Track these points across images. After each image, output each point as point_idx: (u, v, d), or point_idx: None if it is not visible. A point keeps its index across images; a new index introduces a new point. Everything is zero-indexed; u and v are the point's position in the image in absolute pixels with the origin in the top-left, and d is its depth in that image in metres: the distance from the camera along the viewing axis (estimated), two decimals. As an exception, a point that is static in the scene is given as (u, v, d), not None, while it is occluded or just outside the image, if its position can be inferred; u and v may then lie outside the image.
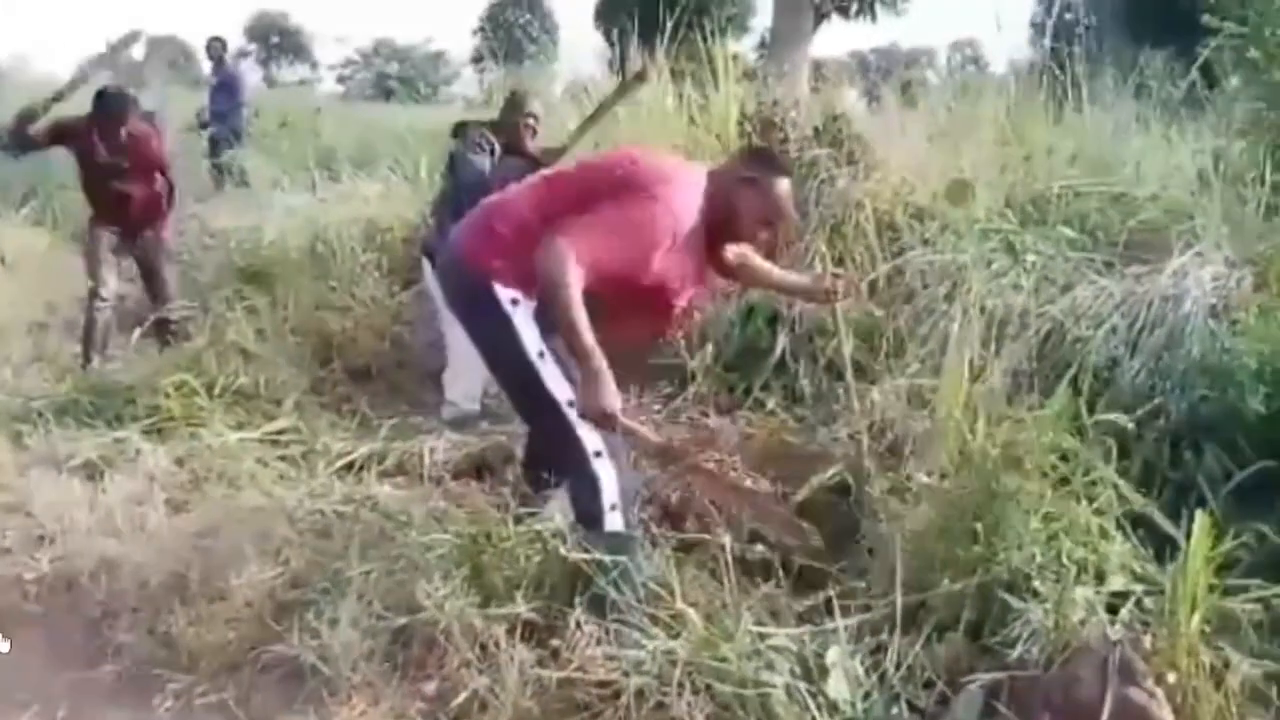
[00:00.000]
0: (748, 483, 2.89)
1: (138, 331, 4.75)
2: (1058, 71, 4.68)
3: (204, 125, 9.29)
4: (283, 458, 3.40)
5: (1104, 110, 4.70)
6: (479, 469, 3.35)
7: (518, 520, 2.47)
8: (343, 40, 28.92)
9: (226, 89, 9.28)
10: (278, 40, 29.41)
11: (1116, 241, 3.62)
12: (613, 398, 2.17)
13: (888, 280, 3.72)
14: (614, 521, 2.27)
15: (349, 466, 3.38)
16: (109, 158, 4.65)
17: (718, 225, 2.41)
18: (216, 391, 3.77)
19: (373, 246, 5.67)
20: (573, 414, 2.25)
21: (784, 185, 2.46)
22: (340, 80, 29.28)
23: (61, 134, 4.70)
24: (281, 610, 2.40)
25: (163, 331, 4.79)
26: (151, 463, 3.16)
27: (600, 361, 2.17)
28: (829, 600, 2.25)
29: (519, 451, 3.14)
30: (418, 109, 22.49)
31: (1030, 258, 3.47)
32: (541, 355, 2.28)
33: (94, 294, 4.77)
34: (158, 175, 4.89)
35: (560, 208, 2.31)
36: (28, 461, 3.34)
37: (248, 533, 2.69)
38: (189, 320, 4.91)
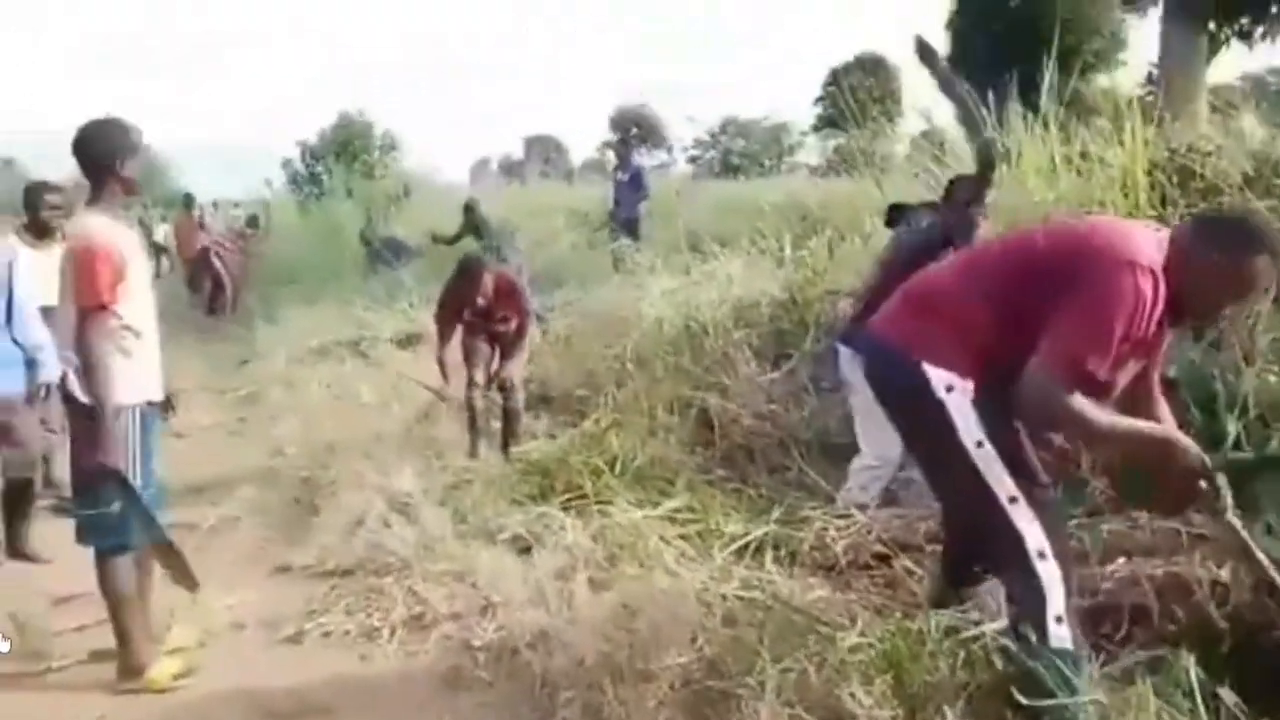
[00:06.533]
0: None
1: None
2: None
3: (611, 216, 10.63)
4: (681, 536, 3.55)
5: None
6: (880, 559, 3.26)
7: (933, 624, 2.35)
8: (693, 121, 30.63)
9: (633, 184, 10.58)
10: (637, 130, 31.97)
11: None
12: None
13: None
14: (1059, 636, 2.07)
15: (743, 549, 3.45)
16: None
17: (1177, 298, 2.11)
18: (618, 470, 4.05)
19: (741, 325, 5.85)
20: (1015, 510, 2.11)
21: (1263, 262, 2.10)
22: (691, 160, 31.11)
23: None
24: (700, 697, 2.46)
25: (511, 423, 5.01)
26: (572, 538, 3.44)
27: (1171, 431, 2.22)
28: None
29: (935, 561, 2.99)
30: (763, 181, 23.26)
31: None
32: (980, 445, 2.14)
33: (470, 383, 5.01)
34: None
35: (1000, 286, 2.19)
36: (467, 533, 3.77)
37: (663, 614, 2.82)
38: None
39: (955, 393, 2.17)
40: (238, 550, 3.99)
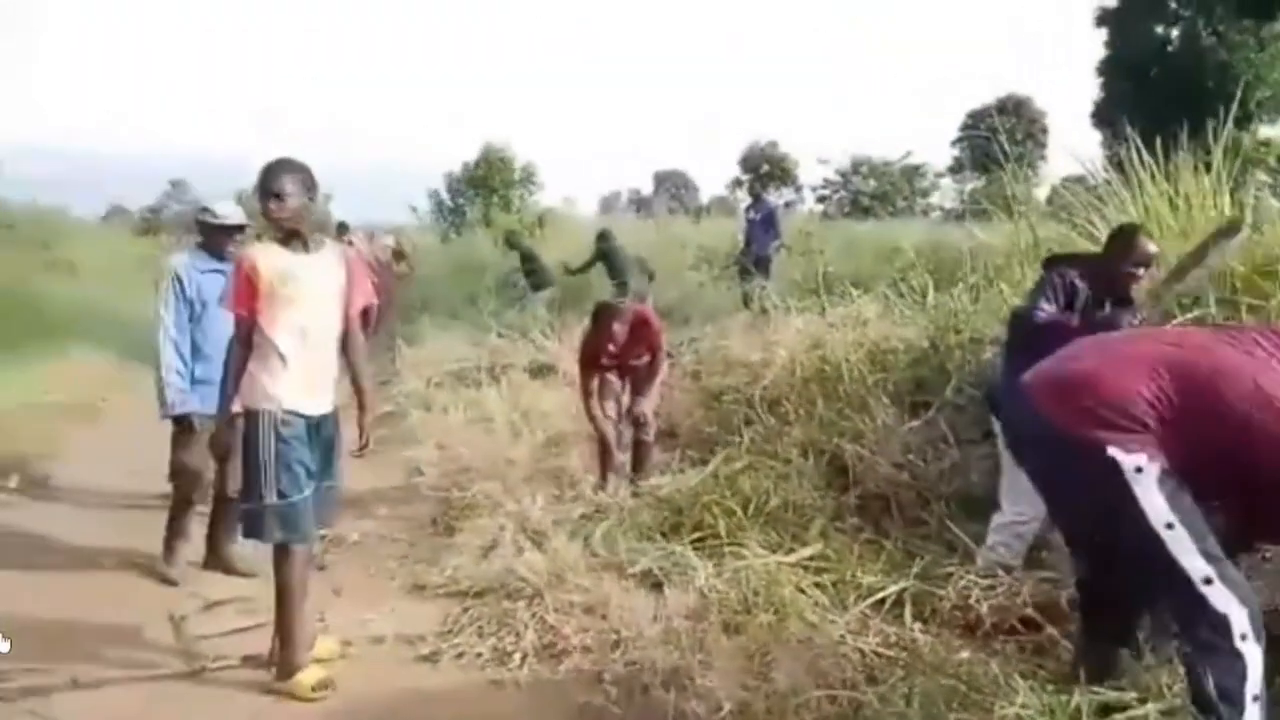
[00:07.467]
0: None
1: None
2: None
3: (742, 255, 10.63)
4: (816, 585, 3.46)
5: None
6: (1025, 623, 3.09)
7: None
8: (825, 162, 30.21)
9: (765, 223, 10.62)
10: (767, 169, 31.93)
11: None
12: None
13: None
14: (1254, 716, 1.99)
15: (879, 603, 3.33)
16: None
17: None
18: (750, 511, 3.98)
19: (877, 369, 5.69)
20: (1212, 591, 2.02)
21: None
22: (820, 200, 30.79)
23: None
24: (841, 756, 2.38)
25: (641, 457, 5.00)
26: (704, 579, 3.39)
27: None
28: None
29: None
30: (895, 222, 22.80)
31: None
32: (1170, 526, 2.06)
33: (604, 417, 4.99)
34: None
35: (1184, 401, 2.14)
36: (597, 564, 3.77)
37: (800, 664, 2.74)
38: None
39: (1144, 473, 2.10)
40: (377, 566, 4.11)
